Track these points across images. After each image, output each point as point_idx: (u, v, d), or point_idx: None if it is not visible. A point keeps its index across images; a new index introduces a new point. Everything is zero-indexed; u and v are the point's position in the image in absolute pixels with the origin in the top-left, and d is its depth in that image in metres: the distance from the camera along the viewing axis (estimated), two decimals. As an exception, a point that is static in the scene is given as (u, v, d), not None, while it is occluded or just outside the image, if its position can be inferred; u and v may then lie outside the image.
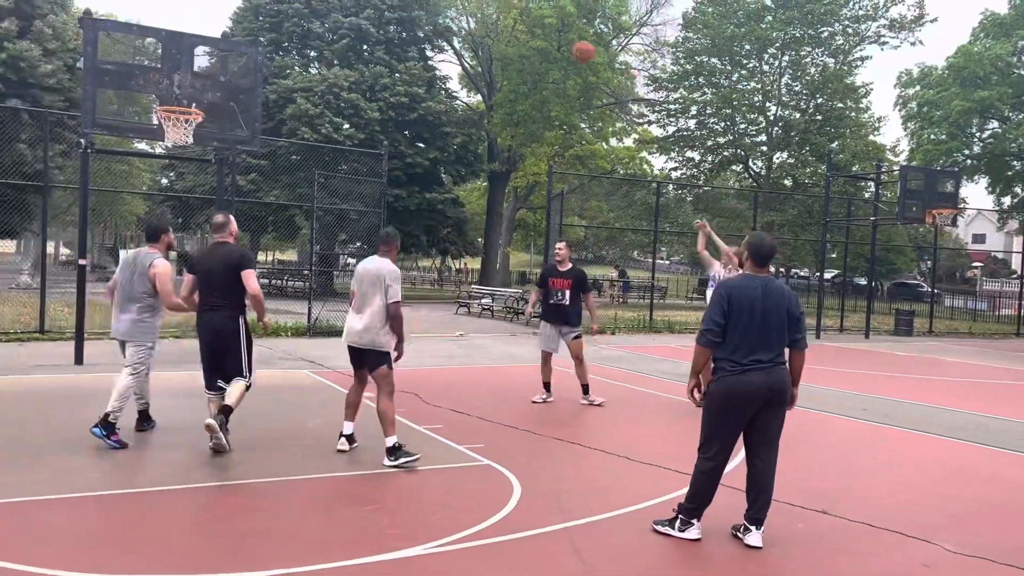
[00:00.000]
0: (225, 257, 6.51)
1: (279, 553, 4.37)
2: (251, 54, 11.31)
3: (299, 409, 8.46)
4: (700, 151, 37.88)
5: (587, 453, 6.96)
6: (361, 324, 6.48)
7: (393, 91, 29.57)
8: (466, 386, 10.32)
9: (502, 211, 39.17)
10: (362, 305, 6.50)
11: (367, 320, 6.46)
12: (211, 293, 6.49)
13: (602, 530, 4.98)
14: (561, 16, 30.68)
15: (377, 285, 6.44)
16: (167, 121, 9.59)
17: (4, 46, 17.58)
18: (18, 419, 7.38)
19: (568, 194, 38.14)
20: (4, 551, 4.20)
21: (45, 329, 13.43)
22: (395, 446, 6.28)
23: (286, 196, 26.50)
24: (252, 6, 31.57)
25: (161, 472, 5.95)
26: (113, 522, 4.86)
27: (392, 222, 26.52)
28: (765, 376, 4.69)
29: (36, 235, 28.13)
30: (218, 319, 6.46)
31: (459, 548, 4.55)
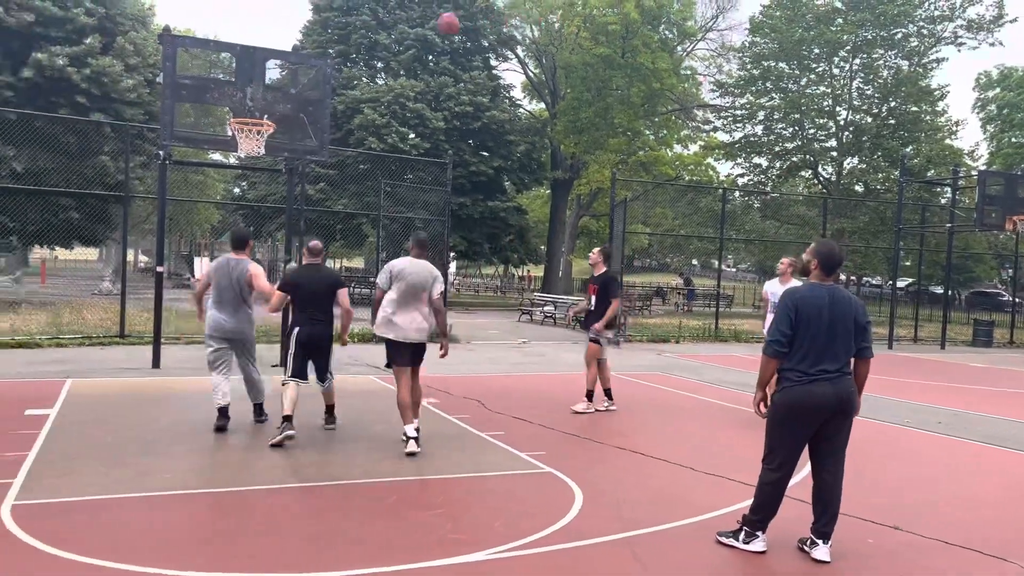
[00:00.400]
0: (325, 278, 7.54)
1: (347, 555, 4.47)
2: (320, 67, 11.60)
3: (365, 413, 8.61)
4: (767, 157, 37.22)
5: (650, 463, 6.91)
6: (416, 322, 6.90)
7: (458, 100, 29.89)
8: (528, 394, 10.34)
9: (565, 218, 39.15)
10: (410, 304, 6.89)
11: (421, 317, 6.94)
12: (314, 308, 7.32)
13: (665, 540, 4.95)
14: (625, 23, 30.58)
15: (426, 284, 6.93)
16: (240, 133, 9.91)
17: (88, 62, 18.36)
18: (101, 420, 7.70)
19: (632, 201, 37.93)
20: (86, 546, 4.40)
21: (125, 334, 13.97)
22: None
23: (354, 205, 27.01)
24: (321, 19, 32.32)
25: (234, 474, 6.13)
26: (188, 521, 5.03)
27: (456, 230, 26.84)
28: (832, 386, 4.60)
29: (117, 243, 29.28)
30: (319, 329, 7.33)
31: (522, 554, 4.58)
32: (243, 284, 7.53)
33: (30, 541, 4.45)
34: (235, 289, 7.52)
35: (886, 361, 16.38)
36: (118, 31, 19.96)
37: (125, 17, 20.49)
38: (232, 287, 7.52)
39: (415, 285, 6.88)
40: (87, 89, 18.43)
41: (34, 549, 4.35)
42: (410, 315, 6.88)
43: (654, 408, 9.85)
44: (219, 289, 7.55)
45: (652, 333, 19.84)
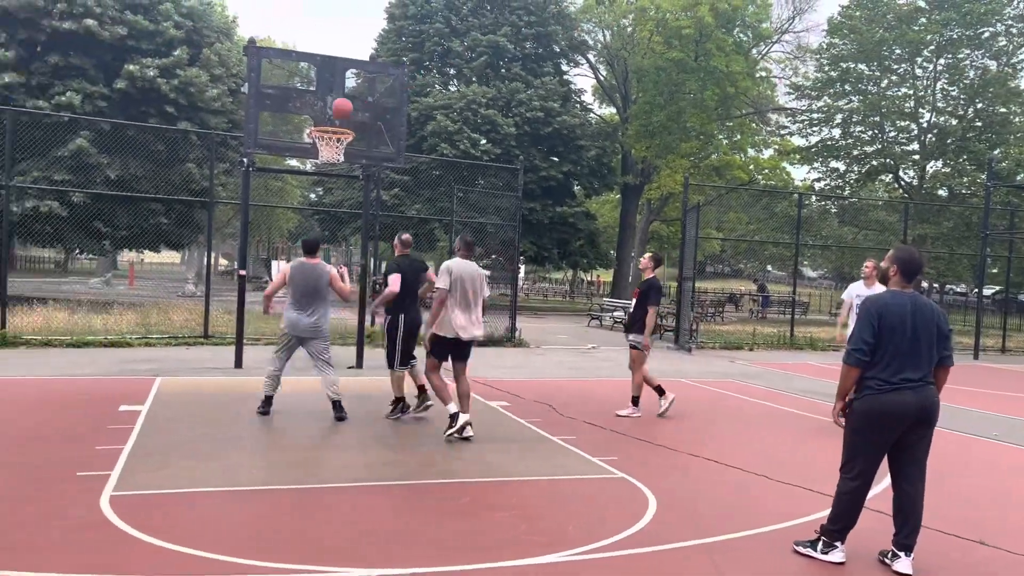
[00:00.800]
0: (417, 266, 8.36)
1: (423, 552, 4.58)
2: (397, 75, 11.86)
3: (439, 414, 8.75)
4: (845, 161, 36.28)
5: (724, 470, 6.86)
6: (473, 320, 7.58)
7: (529, 106, 30.06)
8: (598, 399, 10.35)
9: (635, 223, 38.90)
10: (468, 303, 7.55)
11: (476, 316, 7.61)
12: (412, 297, 8.15)
13: (741, 548, 4.92)
14: (699, 26, 30.28)
15: (478, 284, 7.60)
16: (321, 141, 10.21)
17: (176, 73, 19.14)
18: (189, 417, 8.05)
19: (705, 206, 37.41)
20: (179, 536, 4.63)
21: (209, 334, 14.50)
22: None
23: (427, 210, 27.42)
24: (396, 27, 32.93)
25: (314, 471, 6.34)
26: (273, 515, 5.22)
27: (525, 235, 26.95)
28: (915, 395, 4.53)
29: (200, 246, 30.35)
30: (418, 316, 8.20)
31: (596, 557, 4.62)
32: (321, 286, 8.10)
33: (128, 530, 4.70)
34: (313, 291, 8.06)
35: (972, 372, 15.81)
36: (204, 43, 20.75)
37: (211, 29, 21.29)
38: (310, 289, 8.05)
39: (472, 286, 7.54)
40: (175, 99, 19.21)
41: (132, 537, 4.59)
42: (470, 314, 7.53)
43: (727, 416, 9.75)
44: (297, 291, 8.03)
45: (725, 340, 19.58)
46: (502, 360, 14.22)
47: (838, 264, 38.70)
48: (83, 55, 18.60)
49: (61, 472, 5.82)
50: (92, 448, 6.54)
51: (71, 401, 8.55)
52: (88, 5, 18.17)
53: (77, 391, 9.14)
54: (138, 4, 19.45)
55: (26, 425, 7.33)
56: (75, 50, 18.53)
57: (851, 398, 4.71)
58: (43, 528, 4.66)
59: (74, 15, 18.15)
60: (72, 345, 13.08)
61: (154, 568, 4.16)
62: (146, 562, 4.24)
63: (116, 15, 18.78)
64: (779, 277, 63.50)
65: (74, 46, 18.51)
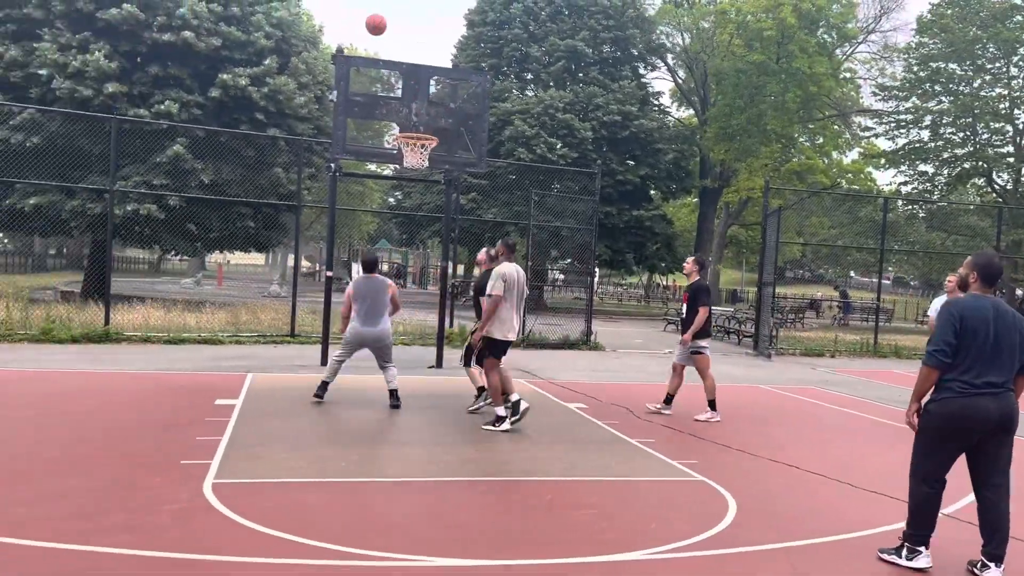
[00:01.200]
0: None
1: (508, 546, 4.74)
2: (480, 82, 12.11)
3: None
4: (934, 164, 35.05)
5: (805, 476, 6.82)
6: (518, 320, 8.21)
7: (606, 110, 30.08)
8: (676, 403, 10.34)
9: (713, 227, 38.44)
10: (517, 306, 8.12)
11: (519, 315, 8.22)
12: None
13: (823, 554, 4.92)
14: (781, 28, 29.79)
15: (522, 287, 8.16)
16: (406, 147, 10.51)
17: (266, 81, 19.88)
18: (279, 411, 8.42)
19: (786, 210, 36.69)
20: (276, 522, 4.90)
21: (295, 333, 15.04)
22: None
23: (503, 214, 27.71)
24: (475, 34, 33.38)
25: (399, 466, 6.57)
26: (361, 506, 5.47)
27: (601, 239, 26.97)
28: (995, 401, 4.48)
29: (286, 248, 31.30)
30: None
31: (675, 557, 4.70)
32: (383, 299, 8.74)
33: (230, 515, 5.00)
34: (377, 304, 8.71)
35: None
36: (292, 52, 21.47)
37: (299, 39, 22.01)
38: (374, 302, 8.70)
39: (520, 289, 8.15)
40: (265, 106, 19.95)
41: (234, 522, 4.89)
42: (517, 317, 8.16)
43: (807, 422, 9.64)
44: (364, 306, 8.66)
45: (805, 347, 19.21)
46: (578, 363, 14.33)
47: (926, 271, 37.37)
48: (180, 65, 19.50)
49: (166, 460, 6.20)
50: (193, 438, 6.93)
51: (171, 394, 9.04)
52: (186, 18, 19.04)
53: (176, 385, 9.65)
54: (231, 16, 20.27)
55: (132, 416, 7.81)
56: (173, 61, 19.44)
57: (928, 400, 4.66)
58: (154, 512, 5.00)
59: (173, 28, 19.05)
60: (168, 342, 13.75)
61: (255, 550, 4.43)
62: (247, 545, 4.51)
63: (211, 27, 19.62)
64: (862, 283, 61.65)
65: (172, 57, 19.43)
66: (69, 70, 18.12)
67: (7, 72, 18.24)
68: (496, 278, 7.95)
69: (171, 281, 39.63)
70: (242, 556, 4.33)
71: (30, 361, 10.99)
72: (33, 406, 8.03)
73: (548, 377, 12.10)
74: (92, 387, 9.26)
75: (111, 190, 14.67)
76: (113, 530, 4.60)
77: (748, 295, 49.97)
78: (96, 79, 18.25)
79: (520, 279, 8.16)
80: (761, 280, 18.90)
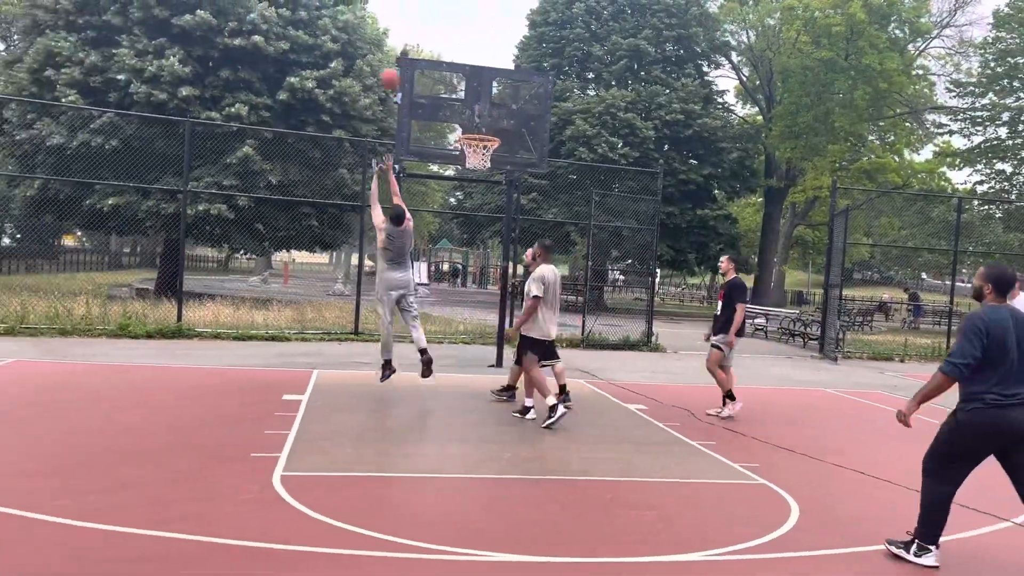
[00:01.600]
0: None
1: (567, 543, 4.79)
2: (542, 82, 12.16)
3: (576, 416, 8.95)
4: (1013, 162, 33.74)
5: (870, 482, 6.69)
6: (556, 320, 8.50)
7: (668, 109, 29.82)
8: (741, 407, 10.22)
9: (778, 228, 37.75)
10: (555, 307, 8.46)
11: (556, 315, 8.52)
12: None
13: (883, 562, 4.83)
14: (850, 24, 29.08)
15: (559, 287, 8.51)
16: (468, 148, 10.63)
17: (332, 84, 20.28)
18: (345, 407, 8.62)
19: (854, 210, 35.81)
20: (342, 514, 5.03)
21: (359, 330, 15.32)
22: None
23: (564, 214, 27.71)
24: (537, 34, 33.45)
25: (461, 462, 6.67)
26: (423, 499, 5.58)
27: (664, 239, 26.76)
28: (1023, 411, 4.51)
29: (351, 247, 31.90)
30: None
31: (733, 559, 4.68)
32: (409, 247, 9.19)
33: (298, 506, 5.16)
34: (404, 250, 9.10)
35: None
36: (357, 55, 21.85)
37: (364, 41, 22.39)
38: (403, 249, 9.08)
39: (557, 291, 8.46)
40: (330, 108, 20.36)
41: (302, 513, 5.04)
42: (554, 316, 8.47)
43: (874, 427, 9.42)
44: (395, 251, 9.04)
45: (873, 350, 18.73)
46: (638, 364, 14.26)
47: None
48: (250, 69, 20.04)
49: (237, 453, 6.42)
50: (262, 432, 7.15)
51: (240, 389, 9.32)
52: (255, 23, 19.57)
53: (245, 380, 9.95)
54: (299, 20, 20.74)
55: (204, 409, 8.09)
56: (243, 65, 19.99)
57: (958, 410, 4.70)
58: (226, 501, 5.19)
59: (243, 32, 19.59)
60: (237, 338, 14.16)
61: (321, 541, 4.56)
62: (313, 535, 4.65)
63: (280, 31, 20.11)
64: (934, 286, 59.76)
65: (242, 61, 19.98)
66: (145, 75, 18.79)
67: (87, 77, 19.01)
68: (534, 280, 8.28)
69: (239, 279, 40.71)
70: (308, 546, 4.47)
71: (108, 355, 11.46)
72: (111, 398, 8.38)
73: (607, 378, 12.08)
74: (166, 381, 9.61)
75: (184, 191, 15.17)
76: (185, 518, 4.79)
77: (814, 297, 48.90)
78: (171, 83, 18.89)
79: (556, 281, 8.47)
80: (827, 282, 18.51)
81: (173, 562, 4.17)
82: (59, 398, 8.23)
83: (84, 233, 45.31)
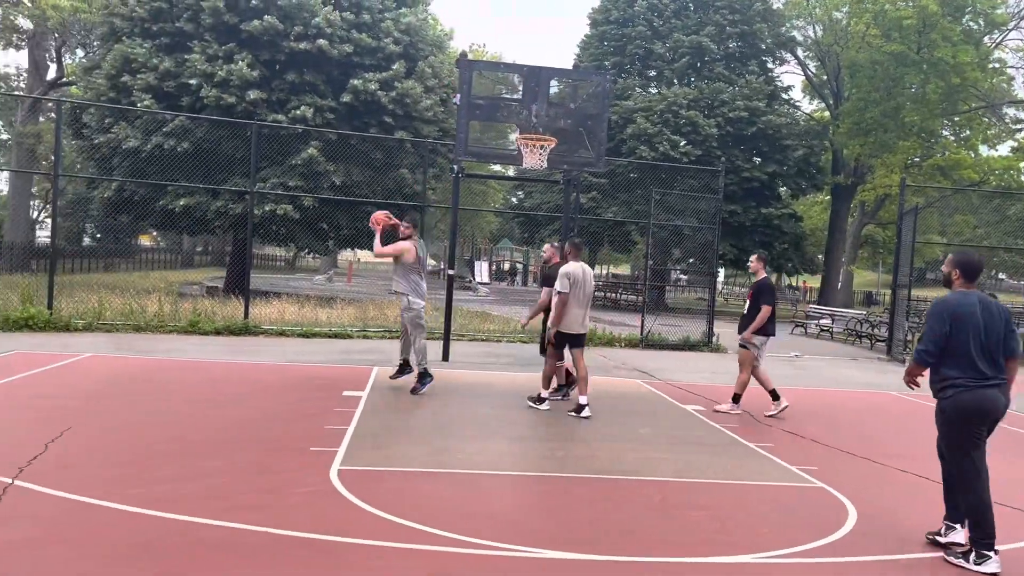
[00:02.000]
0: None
1: (619, 543, 4.80)
2: (600, 82, 12.15)
3: (632, 416, 8.93)
4: (1097, 158, 32.30)
5: (934, 487, 6.47)
6: (586, 315, 8.72)
7: (732, 106, 29.38)
8: (799, 408, 10.04)
9: (846, 226, 36.83)
10: (584, 303, 8.64)
11: (588, 311, 8.75)
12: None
13: (942, 569, 4.72)
14: (922, 16, 28.17)
15: (590, 283, 8.71)
16: (525, 148, 10.69)
17: (394, 86, 20.60)
18: (402, 404, 8.78)
19: (926, 208, 34.71)
20: (396, 508, 5.14)
21: (418, 329, 15.49)
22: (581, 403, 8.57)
23: (623, 213, 27.56)
24: (599, 33, 33.33)
25: (513, 459, 6.73)
26: (476, 496, 5.65)
27: (726, 238, 26.38)
28: (999, 392, 4.77)
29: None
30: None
31: (784, 562, 4.63)
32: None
33: (353, 499, 5.29)
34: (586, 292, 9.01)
35: None
36: (419, 56, 22.14)
37: (425, 43, 22.67)
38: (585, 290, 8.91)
39: (588, 287, 8.66)
40: (393, 110, 20.67)
41: (356, 506, 5.17)
42: (583, 311, 8.65)
43: (942, 433, 9.15)
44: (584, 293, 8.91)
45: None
46: (698, 364, 14.13)
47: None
48: (315, 72, 20.49)
49: (297, 446, 6.60)
50: (322, 427, 7.34)
51: (303, 385, 9.57)
52: (320, 27, 20.00)
53: (307, 376, 10.20)
54: (362, 23, 21.11)
55: (268, 404, 8.33)
56: (308, 68, 20.45)
57: (941, 401, 4.91)
58: (284, 493, 5.36)
59: (308, 36, 20.05)
60: (301, 335, 14.50)
61: (375, 534, 4.68)
62: (368, 528, 4.77)
63: (344, 34, 20.51)
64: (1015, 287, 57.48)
65: (308, 64, 20.44)
66: (216, 79, 19.39)
67: (161, 82, 19.71)
68: (563, 276, 8.53)
69: (304, 278, 41.60)
70: (363, 539, 4.59)
71: (178, 351, 11.87)
72: (180, 392, 8.70)
73: (665, 378, 12.00)
74: (232, 376, 9.92)
75: (251, 191, 15.60)
76: (245, 508, 4.96)
77: (884, 298, 47.52)
78: (239, 87, 19.45)
79: (586, 277, 8.68)
80: (895, 282, 18.03)
81: (232, 549, 4.33)
82: (132, 391, 8.58)
83: (159, 233, 46.90)
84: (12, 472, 5.40)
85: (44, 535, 4.38)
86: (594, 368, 12.83)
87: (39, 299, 13.94)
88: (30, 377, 9.07)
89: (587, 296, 8.72)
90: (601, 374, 12.14)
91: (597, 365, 13.24)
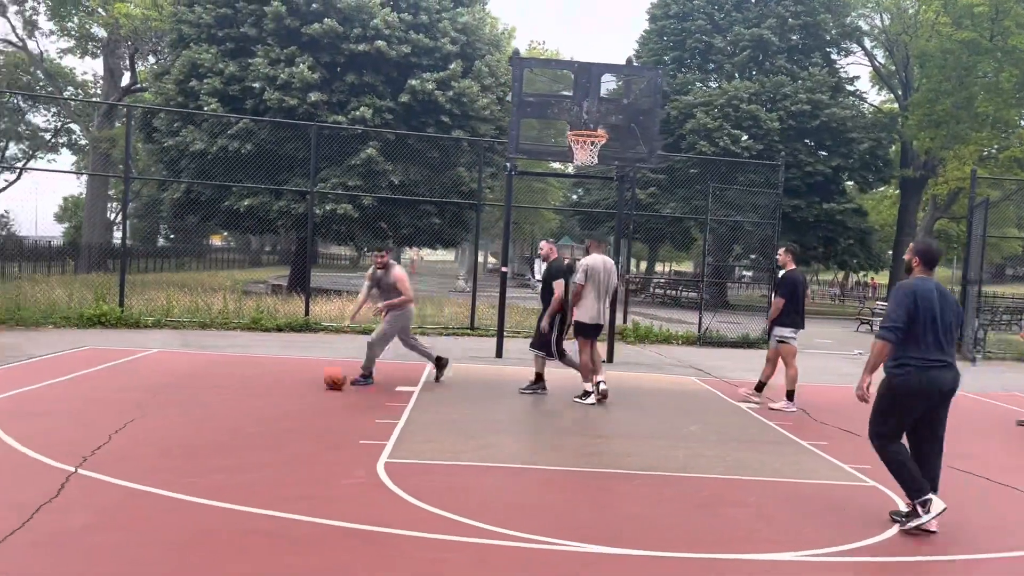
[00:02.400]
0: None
1: (662, 538, 4.79)
2: (651, 77, 12.06)
3: (682, 413, 8.86)
4: None
5: (995, 489, 6.31)
6: (605, 307, 8.98)
7: (794, 99, 28.80)
8: (858, 406, 9.79)
9: (916, 221, 35.69)
10: (601, 293, 8.87)
11: (607, 303, 9.08)
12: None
13: (986, 570, 4.57)
14: (994, 3, 27.11)
15: (610, 276, 8.98)
16: (576, 144, 10.69)
17: (452, 85, 20.80)
18: (453, 399, 8.89)
19: (1002, 202, 33.47)
20: (440, 501, 5.23)
21: (474, 326, 15.66)
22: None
23: (682, 209, 27.26)
24: (658, 28, 33.02)
25: (562, 455, 6.75)
26: (523, 490, 5.70)
27: (788, 233, 25.85)
28: (948, 373, 5.04)
29: (471, 244, 32.59)
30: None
31: (828, 561, 4.55)
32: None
33: (398, 492, 5.39)
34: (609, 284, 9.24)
35: None
36: (476, 55, 22.32)
37: (482, 42, 22.84)
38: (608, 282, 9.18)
39: (605, 277, 8.88)
40: (450, 109, 20.89)
41: (401, 498, 5.27)
42: (600, 304, 8.88)
43: (1007, 432, 8.85)
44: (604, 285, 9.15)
45: (1020, 352, 17.47)
46: (755, 363, 13.88)
47: None
48: (374, 73, 20.83)
49: (347, 439, 6.75)
50: (372, 421, 7.48)
51: (358, 380, 9.75)
52: (379, 28, 20.32)
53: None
54: (420, 24, 21.37)
55: (322, 398, 8.54)
56: (367, 69, 20.81)
57: (891, 375, 5.10)
58: (332, 484, 5.50)
59: (367, 38, 20.39)
60: (360, 332, 14.74)
61: (418, 526, 4.76)
62: (412, 520, 4.86)
63: (402, 35, 20.80)
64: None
65: (366, 65, 20.80)
66: (278, 82, 19.88)
67: (227, 86, 20.29)
68: (579, 269, 8.85)
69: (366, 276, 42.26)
70: (406, 530, 4.68)
71: (241, 347, 12.23)
72: (240, 387, 8.97)
73: (721, 376, 11.86)
74: (290, 371, 10.19)
75: (311, 191, 15.95)
76: (294, 499, 5.11)
77: (955, 294, 45.92)
78: (300, 89, 19.90)
79: (606, 269, 8.91)
80: (966, 277, 17.41)
81: (281, 538, 4.47)
82: (194, 385, 8.88)
83: (228, 233, 48.24)
84: (76, 461, 5.67)
85: (101, 522, 4.59)
86: (648, 365, 12.78)
87: (111, 297, 14.52)
88: (100, 371, 9.47)
89: (608, 289, 8.97)
90: (655, 371, 12.08)
91: (651, 362, 13.17)
